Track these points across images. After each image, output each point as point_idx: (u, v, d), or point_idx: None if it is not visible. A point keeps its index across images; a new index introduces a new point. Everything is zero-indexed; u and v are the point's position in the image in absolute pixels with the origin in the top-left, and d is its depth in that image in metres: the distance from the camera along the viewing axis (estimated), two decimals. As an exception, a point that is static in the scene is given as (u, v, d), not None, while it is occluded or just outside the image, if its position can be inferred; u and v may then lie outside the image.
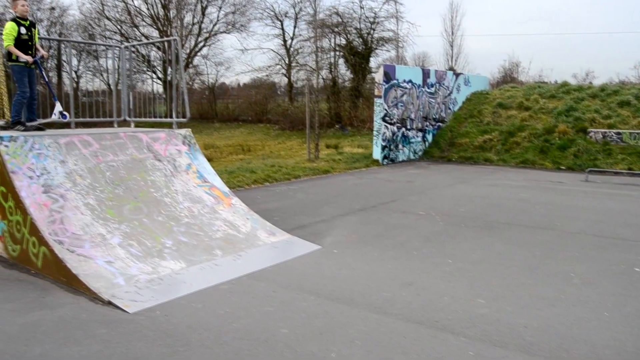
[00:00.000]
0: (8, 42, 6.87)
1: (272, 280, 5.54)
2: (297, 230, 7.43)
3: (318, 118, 17.56)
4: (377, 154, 16.45)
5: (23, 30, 7.01)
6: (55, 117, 7.39)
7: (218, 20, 35.61)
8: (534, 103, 18.53)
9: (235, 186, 10.92)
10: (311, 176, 13.48)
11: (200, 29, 35.08)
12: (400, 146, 17.12)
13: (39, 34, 7.45)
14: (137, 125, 9.31)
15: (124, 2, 33.14)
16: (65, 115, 7.63)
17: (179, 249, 6.02)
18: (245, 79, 41.28)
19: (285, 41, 35.78)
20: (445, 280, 5.60)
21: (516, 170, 15.22)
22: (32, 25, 7.27)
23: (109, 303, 4.84)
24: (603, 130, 15.86)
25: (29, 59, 7.07)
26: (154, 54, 32.31)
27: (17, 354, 3.92)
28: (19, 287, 5.35)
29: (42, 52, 7.50)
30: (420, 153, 18.08)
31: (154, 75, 32.92)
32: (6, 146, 6.06)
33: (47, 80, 7.87)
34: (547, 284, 5.49)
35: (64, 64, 30.82)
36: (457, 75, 20.53)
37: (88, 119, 9.12)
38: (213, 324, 4.46)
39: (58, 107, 7.60)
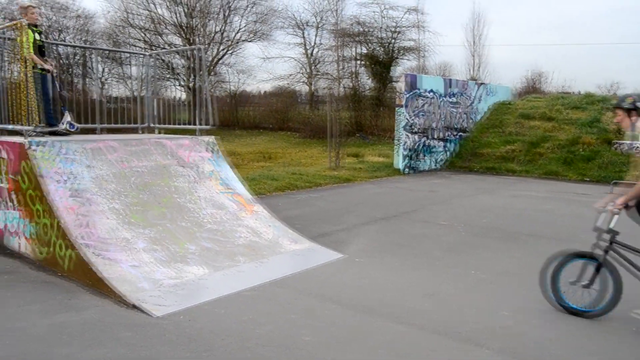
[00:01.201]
0: (28, 50, 6.88)
1: (294, 288, 5.55)
2: (319, 238, 7.44)
3: (339, 126, 17.58)
4: (398, 163, 16.40)
5: (37, 36, 7.13)
6: (63, 126, 7.45)
7: (241, 29, 35.89)
8: (558, 114, 18.33)
9: (257, 193, 10.96)
10: (333, 184, 13.49)
11: (223, 37, 35.40)
12: (422, 155, 17.05)
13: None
14: (162, 131, 9.44)
15: (148, 10, 33.60)
16: (73, 125, 7.71)
17: (202, 255, 6.07)
18: (267, 87, 41.45)
19: (307, 50, 35.94)
20: (468, 291, 5.56)
21: (539, 181, 15.04)
22: (40, 32, 7.39)
23: (134, 307, 4.89)
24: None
25: (49, 67, 7.19)
26: (178, 62, 32.66)
27: (44, 355, 3.99)
28: (46, 288, 5.45)
29: (50, 62, 7.62)
30: (442, 163, 17.98)
31: (178, 83, 33.29)
32: (36, 151, 6.19)
33: (59, 88, 7.94)
34: (573, 297, 5.41)
35: (90, 70, 31.39)
36: (479, 85, 20.42)
37: (113, 125, 9.26)
38: (236, 329, 4.48)
39: (67, 117, 7.69)
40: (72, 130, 7.61)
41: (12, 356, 3.95)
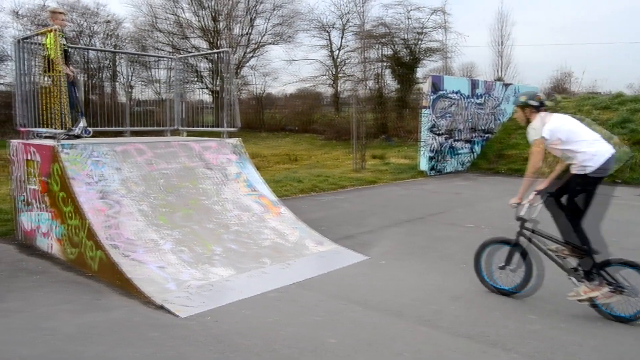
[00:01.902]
0: (56, 53, 6.92)
1: (319, 290, 5.55)
2: (343, 240, 7.43)
3: (364, 128, 17.55)
4: (423, 165, 16.30)
5: (63, 41, 7.26)
6: (77, 131, 7.56)
7: (266, 31, 36.12)
8: (587, 114, 17.96)
9: (282, 195, 11.01)
10: (357, 186, 13.47)
11: (248, 40, 35.65)
12: (447, 157, 16.91)
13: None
14: (188, 134, 9.54)
15: (175, 15, 34.03)
16: (88, 131, 7.83)
17: (228, 256, 6.11)
18: (291, 89, 41.66)
19: (332, 52, 36.00)
20: (495, 294, 5.49)
21: (568, 183, 14.77)
22: (66, 37, 7.51)
23: (161, 307, 4.95)
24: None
25: (71, 72, 7.31)
26: (204, 65, 32.98)
27: (75, 353, 4.06)
28: (75, 288, 5.55)
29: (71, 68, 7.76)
30: (467, 164, 17.81)
31: (204, 86, 33.61)
32: (67, 153, 6.32)
33: (76, 94, 8.06)
34: (603, 302, 5.31)
35: (118, 74, 31.88)
36: (506, 85, 20.18)
37: (141, 128, 9.39)
38: (262, 331, 4.50)
39: (81, 123, 7.81)
40: (86, 135, 7.70)
41: (44, 355, 4.03)
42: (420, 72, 31.42)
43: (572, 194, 4.99)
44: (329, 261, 6.53)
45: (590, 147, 4.83)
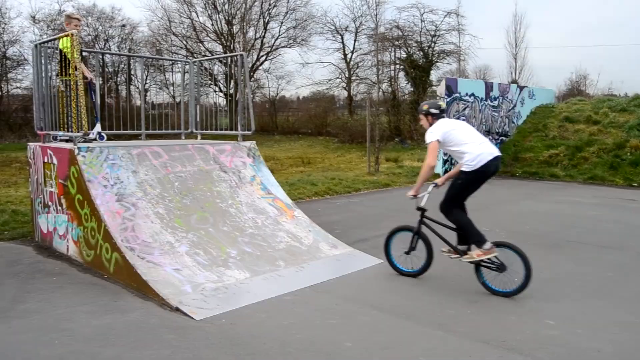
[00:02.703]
0: (72, 57, 6.93)
1: (334, 293, 5.55)
2: (358, 244, 7.42)
3: (378, 131, 17.52)
4: (437, 168, 16.22)
5: (77, 46, 7.32)
6: (92, 136, 7.64)
7: (280, 35, 36.28)
8: (604, 117, 17.81)
9: (296, 198, 11.03)
10: (371, 189, 13.45)
11: (262, 43, 35.80)
12: (461, 160, 16.81)
13: None
14: (203, 137, 9.60)
15: (190, 18, 34.29)
16: (103, 136, 7.91)
17: (243, 259, 6.13)
18: (305, 92, 41.67)
19: (345, 55, 36.01)
20: (511, 299, 5.45)
21: (584, 186, 14.64)
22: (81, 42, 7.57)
23: (177, 309, 4.98)
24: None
25: (91, 76, 7.39)
26: (218, 69, 33.18)
27: (92, 355, 4.09)
28: (92, 290, 5.60)
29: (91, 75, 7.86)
30: (482, 168, 17.68)
31: (217, 89, 33.80)
32: (84, 156, 6.38)
33: (93, 98, 8.14)
34: (621, 307, 5.25)
35: (133, 78, 32.16)
36: (521, 88, 20.04)
37: (157, 131, 9.46)
38: (277, 334, 4.51)
39: (97, 128, 7.89)
40: (101, 140, 7.78)
41: (62, 355, 4.07)
42: (434, 75, 31.39)
43: (452, 185, 5.78)
44: (344, 264, 6.53)
45: (474, 149, 5.52)
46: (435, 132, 5.62)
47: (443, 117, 5.85)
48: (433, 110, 5.82)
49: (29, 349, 4.17)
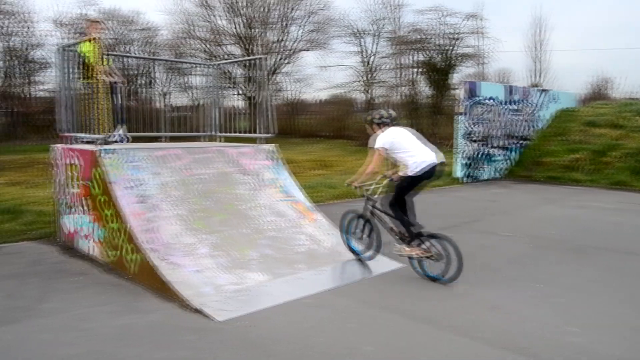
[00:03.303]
0: (95, 60, 7.03)
1: (354, 297, 5.54)
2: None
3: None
4: (458, 172, 16.13)
5: (99, 50, 7.41)
6: (115, 137, 7.71)
7: (299, 38, 36.35)
8: (627, 121, 17.52)
9: (315, 201, 10.98)
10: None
11: (281, 47, 35.92)
12: (482, 164, 16.70)
13: None
14: (224, 140, 9.65)
15: (209, 22, 34.52)
16: (127, 138, 7.98)
17: (264, 262, 6.15)
18: (324, 95, 41.68)
19: (364, 58, 35.98)
20: (532, 305, 5.38)
21: (607, 191, 14.40)
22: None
23: (198, 311, 5.00)
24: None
25: (115, 80, 7.47)
26: (237, 71, 33.34)
27: (113, 354, 4.14)
28: (114, 290, 5.66)
29: (118, 78, 7.94)
30: (503, 172, 17.54)
31: (237, 92, 33.97)
32: (107, 158, 6.46)
33: (116, 101, 8.20)
34: (647, 315, 5.16)
35: (154, 81, 32.46)
36: (543, 91, 19.82)
37: (178, 134, 9.54)
38: (297, 337, 4.51)
39: (120, 130, 7.97)
40: (124, 142, 7.85)
41: (84, 354, 4.12)
42: (454, 78, 31.19)
43: (398, 188, 6.25)
44: (364, 268, 6.50)
45: (418, 157, 6.01)
46: (384, 140, 6.09)
47: (391, 125, 6.29)
48: (376, 120, 6.30)
49: (51, 347, 4.23)
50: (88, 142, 7.43)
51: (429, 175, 6.11)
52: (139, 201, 6.31)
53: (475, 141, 16.27)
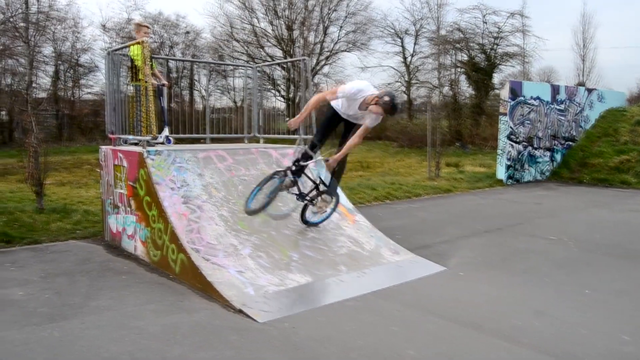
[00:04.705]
0: (142, 63, 7.14)
1: (396, 300, 5.48)
2: (420, 250, 7.31)
3: (439, 136, 17.26)
4: (501, 173, 15.83)
5: (147, 53, 7.55)
6: (161, 139, 7.83)
7: (339, 39, 36.36)
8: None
9: (356, 202, 10.98)
10: (432, 195, 13.24)
11: (322, 48, 36.00)
12: (526, 166, 16.34)
13: None
14: (265, 141, 9.71)
15: (251, 24, 34.90)
16: (170, 140, 8.09)
17: (304, 263, 6.15)
18: (364, 96, 41.43)
19: (405, 58, 35.72)
20: (582, 311, 5.22)
21: (659, 194, 13.88)
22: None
23: (240, 311, 5.04)
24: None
25: (163, 82, 7.59)
26: (278, 73, 33.60)
27: (159, 353, 4.20)
28: (159, 290, 5.76)
29: (164, 81, 8.09)
30: (547, 173, 17.12)
31: (278, 93, 34.23)
32: (152, 159, 6.59)
33: (162, 103, 8.33)
34: None
35: (196, 83, 33.07)
36: (589, 91, 19.26)
37: (221, 135, 9.65)
38: (339, 339, 4.49)
39: (165, 132, 8.09)
40: (168, 144, 7.98)
41: (131, 352, 4.20)
42: (496, 78, 30.67)
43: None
44: (406, 271, 6.44)
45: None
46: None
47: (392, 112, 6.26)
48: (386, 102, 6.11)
49: (100, 344, 4.33)
50: (134, 144, 7.60)
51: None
52: (183, 202, 6.40)
53: (519, 142, 15.94)
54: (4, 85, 26.51)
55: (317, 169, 6.99)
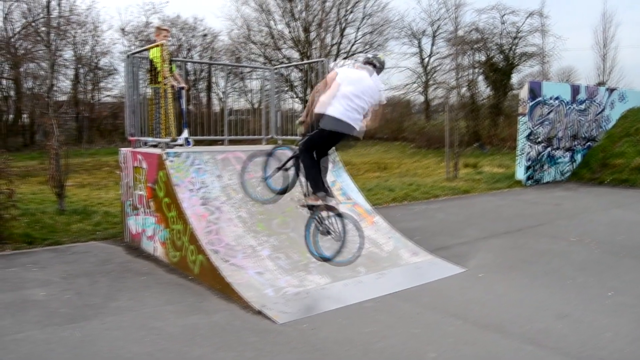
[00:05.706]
0: (162, 66, 7.18)
1: (416, 302, 5.44)
2: (439, 251, 7.25)
3: (457, 136, 17.13)
4: (520, 174, 15.65)
5: (166, 56, 7.59)
6: (180, 141, 7.86)
7: (356, 40, 36.30)
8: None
9: (374, 204, 10.89)
10: (451, 196, 13.14)
11: (338, 49, 35.95)
12: (545, 166, 16.14)
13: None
14: (282, 142, 9.70)
15: (268, 27, 34.98)
16: (190, 142, 8.12)
17: (323, 264, 6.12)
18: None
19: (422, 59, 35.56)
20: (606, 314, 5.13)
21: (683, 195, 13.62)
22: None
23: (259, 312, 5.04)
24: None
25: (176, 84, 7.63)
26: (295, 75, 33.63)
27: (179, 353, 4.22)
28: (178, 291, 5.78)
29: (183, 83, 8.14)
30: (567, 174, 16.89)
31: (295, 95, 34.27)
32: (171, 161, 6.62)
33: (182, 106, 8.37)
34: None
35: (214, 85, 33.26)
36: (610, 90, 18.96)
37: (239, 137, 9.67)
38: (359, 341, 4.47)
39: (185, 134, 8.13)
40: (188, 146, 8.01)
41: (151, 353, 4.22)
42: (515, 78, 30.36)
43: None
44: (425, 272, 6.39)
45: (332, 105, 5.61)
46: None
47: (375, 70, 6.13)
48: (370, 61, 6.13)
49: (121, 345, 4.35)
50: (153, 146, 7.65)
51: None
52: (202, 203, 6.43)
53: (538, 143, 15.75)
54: (26, 88, 26.90)
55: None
